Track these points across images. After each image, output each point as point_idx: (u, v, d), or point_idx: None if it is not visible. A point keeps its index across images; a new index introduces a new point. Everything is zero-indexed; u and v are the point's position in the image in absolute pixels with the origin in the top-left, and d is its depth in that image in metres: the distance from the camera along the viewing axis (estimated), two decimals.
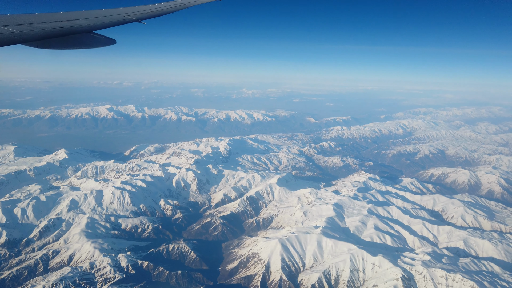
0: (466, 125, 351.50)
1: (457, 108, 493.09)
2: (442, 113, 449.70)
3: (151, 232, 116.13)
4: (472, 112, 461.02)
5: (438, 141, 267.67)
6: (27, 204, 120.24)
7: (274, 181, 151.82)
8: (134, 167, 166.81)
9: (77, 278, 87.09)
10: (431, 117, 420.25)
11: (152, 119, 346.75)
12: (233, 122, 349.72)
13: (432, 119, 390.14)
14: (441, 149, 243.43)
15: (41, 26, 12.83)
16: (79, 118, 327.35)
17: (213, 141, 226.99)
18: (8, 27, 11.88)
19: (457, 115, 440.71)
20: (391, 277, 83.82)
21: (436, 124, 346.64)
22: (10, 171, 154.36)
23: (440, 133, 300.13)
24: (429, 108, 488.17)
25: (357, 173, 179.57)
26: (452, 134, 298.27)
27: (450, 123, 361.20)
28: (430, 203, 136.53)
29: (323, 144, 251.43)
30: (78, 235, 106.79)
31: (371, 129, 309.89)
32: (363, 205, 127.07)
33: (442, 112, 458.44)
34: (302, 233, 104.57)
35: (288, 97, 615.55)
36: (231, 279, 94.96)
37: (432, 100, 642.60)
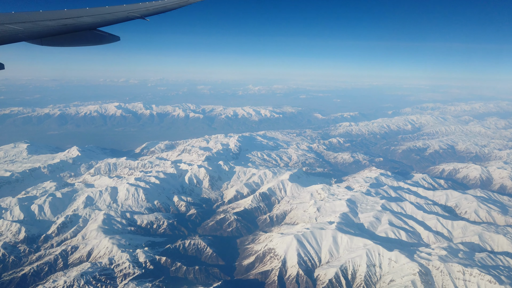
0: (475, 120, 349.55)
1: (465, 103, 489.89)
2: (450, 108, 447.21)
3: (166, 228, 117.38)
4: (481, 107, 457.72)
5: (447, 137, 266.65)
6: (44, 201, 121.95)
7: (285, 177, 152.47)
8: (146, 164, 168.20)
9: (97, 273, 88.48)
10: (439, 112, 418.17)
11: (160, 116, 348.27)
12: (240, 119, 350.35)
13: (440, 114, 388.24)
14: (451, 145, 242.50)
15: (45, 24, 12.95)
16: (88, 116, 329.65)
17: (222, 137, 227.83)
18: (13, 24, 11.97)
19: (465, 110, 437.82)
20: (408, 272, 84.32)
21: (444, 120, 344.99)
22: (24, 168, 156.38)
23: (449, 128, 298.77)
24: (436, 103, 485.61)
25: (368, 169, 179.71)
26: (461, 129, 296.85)
27: (459, 118, 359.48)
28: (443, 198, 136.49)
29: (332, 140, 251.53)
30: (96, 231, 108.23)
31: (379, 124, 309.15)
32: (376, 200, 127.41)
33: (450, 107, 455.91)
34: (317, 229, 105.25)
35: (294, 93, 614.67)
36: (248, 274, 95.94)
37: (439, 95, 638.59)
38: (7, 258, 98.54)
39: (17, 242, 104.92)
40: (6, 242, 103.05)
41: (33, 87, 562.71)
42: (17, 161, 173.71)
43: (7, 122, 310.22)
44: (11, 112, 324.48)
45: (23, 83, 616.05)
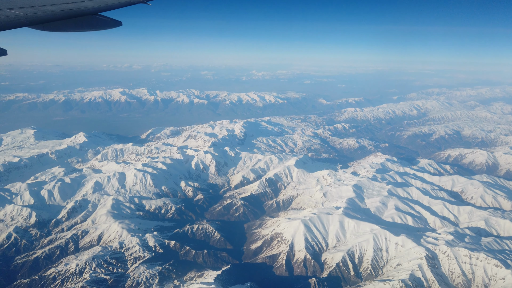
0: (481, 105, 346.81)
1: (471, 88, 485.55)
2: (456, 93, 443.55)
3: (174, 213, 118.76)
4: (487, 92, 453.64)
5: (453, 122, 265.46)
6: (53, 186, 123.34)
7: (291, 163, 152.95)
8: (152, 150, 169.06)
9: (108, 257, 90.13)
10: (445, 97, 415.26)
11: (165, 102, 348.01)
12: (245, 105, 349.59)
13: (446, 99, 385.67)
14: (456, 130, 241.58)
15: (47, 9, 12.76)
16: (92, 102, 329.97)
17: (227, 123, 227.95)
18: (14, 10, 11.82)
19: (471, 95, 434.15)
20: (415, 256, 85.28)
21: (450, 105, 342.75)
22: (32, 154, 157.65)
23: (455, 113, 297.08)
24: (442, 89, 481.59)
25: (373, 154, 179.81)
26: (467, 114, 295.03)
27: (465, 104, 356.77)
28: (449, 184, 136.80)
29: (337, 126, 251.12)
30: (105, 215, 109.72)
31: (384, 110, 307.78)
32: (382, 186, 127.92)
33: (456, 92, 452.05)
34: (324, 214, 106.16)
35: (298, 78, 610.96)
36: (256, 258, 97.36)
37: (444, 80, 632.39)
38: (19, 242, 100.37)
39: (28, 226, 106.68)
40: (18, 226, 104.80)
41: (37, 73, 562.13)
42: (24, 146, 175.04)
43: (13, 108, 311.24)
44: (16, 98, 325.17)
45: (26, 68, 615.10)
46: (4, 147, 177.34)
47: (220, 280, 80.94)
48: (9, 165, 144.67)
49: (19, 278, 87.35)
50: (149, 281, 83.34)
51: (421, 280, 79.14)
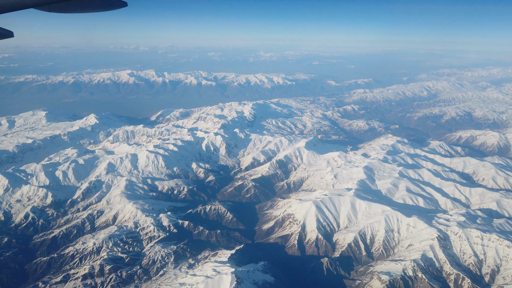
0: (493, 86, 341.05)
1: (483, 68, 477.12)
2: (467, 74, 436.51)
3: (186, 194, 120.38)
4: (498, 73, 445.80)
5: (464, 103, 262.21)
6: (67, 167, 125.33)
7: (302, 144, 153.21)
8: (163, 131, 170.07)
9: (124, 236, 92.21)
10: (455, 78, 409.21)
11: (173, 84, 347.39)
12: (253, 86, 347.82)
13: (457, 80, 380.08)
14: (467, 111, 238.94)
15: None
16: (101, 84, 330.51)
17: (236, 105, 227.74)
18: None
19: (482, 76, 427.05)
20: (426, 237, 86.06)
21: (461, 86, 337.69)
22: (45, 135, 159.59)
23: (466, 94, 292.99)
24: (453, 69, 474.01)
25: (384, 136, 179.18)
26: (479, 95, 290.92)
27: (476, 84, 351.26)
28: (460, 165, 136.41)
29: (346, 107, 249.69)
30: (119, 196, 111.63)
31: (394, 91, 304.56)
32: (393, 168, 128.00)
33: (467, 73, 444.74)
34: (335, 195, 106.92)
35: (306, 59, 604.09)
36: (268, 238, 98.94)
37: (455, 61, 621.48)
38: (37, 221, 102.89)
39: (45, 206, 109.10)
40: (35, 206, 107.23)
41: (45, 55, 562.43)
42: (37, 128, 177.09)
43: (23, 89, 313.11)
44: (25, 80, 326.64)
45: (34, 50, 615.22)
46: (16, 128, 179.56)
47: (234, 259, 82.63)
48: (23, 147, 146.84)
49: (38, 256, 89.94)
50: (164, 259, 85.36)
51: (433, 260, 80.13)
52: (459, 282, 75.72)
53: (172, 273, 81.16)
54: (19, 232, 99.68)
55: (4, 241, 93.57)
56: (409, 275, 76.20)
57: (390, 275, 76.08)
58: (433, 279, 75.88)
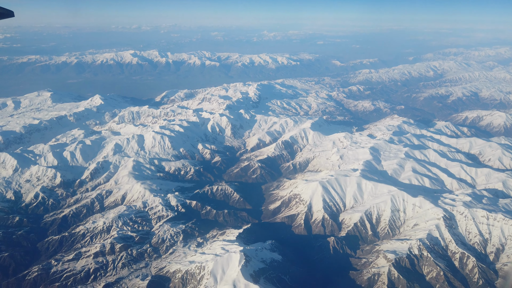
0: (500, 65, 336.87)
1: (490, 48, 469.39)
2: (474, 54, 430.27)
3: (193, 175, 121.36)
4: (506, 52, 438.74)
5: (471, 83, 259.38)
6: (75, 148, 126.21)
7: (307, 125, 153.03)
8: (168, 112, 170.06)
9: (133, 216, 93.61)
10: (462, 58, 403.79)
11: (176, 64, 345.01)
12: (257, 67, 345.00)
13: (463, 60, 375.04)
14: (474, 91, 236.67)
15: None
16: (104, 64, 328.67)
17: (241, 86, 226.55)
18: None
19: (489, 56, 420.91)
20: (432, 217, 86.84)
21: (468, 65, 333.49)
22: (51, 116, 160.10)
23: (473, 74, 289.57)
24: (459, 48, 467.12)
25: (389, 116, 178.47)
26: (486, 75, 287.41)
27: (483, 64, 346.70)
28: (466, 146, 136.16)
29: (351, 88, 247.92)
30: (127, 176, 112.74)
31: (400, 71, 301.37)
32: (399, 148, 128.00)
33: (474, 52, 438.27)
34: (341, 176, 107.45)
35: (311, 39, 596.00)
36: (275, 218, 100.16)
37: (462, 40, 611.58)
38: (47, 201, 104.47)
39: (54, 186, 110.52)
40: (44, 186, 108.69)
41: (47, 35, 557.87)
42: (42, 109, 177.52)
43: (26, 70, 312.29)
44: (29, 61, 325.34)
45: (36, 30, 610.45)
46: (22, 109, 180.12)
47: (242, 238, 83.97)
48: (30, 127, 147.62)
49: (50, 234, 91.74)
50: (173, 238, 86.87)
51: (438, 240, 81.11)
52: (464, 260, 76.83)
53: (181, 251, 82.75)
54: (30, 211, 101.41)
55: (15, 220, 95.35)
56: (414, 254, 77.34)
57: (396, 253, 77.25)
58: (439, 258, 77.01)
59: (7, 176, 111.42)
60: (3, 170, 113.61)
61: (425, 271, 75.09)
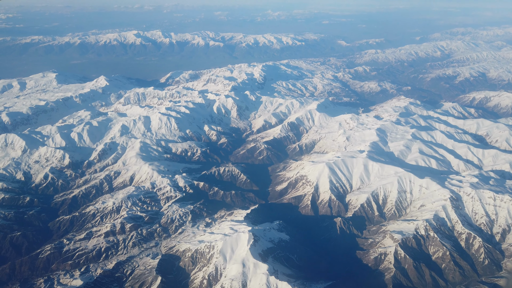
0: (509, 45, 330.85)
1: (498, 27, 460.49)
2: (482, 33, 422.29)
3: (200, 156, 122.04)
4: None
5: (478, 64, 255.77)
6: (82, 129, 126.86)
7: (313, 107, 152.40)
8: (174, 94, 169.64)
9: (142, 196, 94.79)
10: (470, 37, 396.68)
11: (180, 44, 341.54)
12: (261, 47, 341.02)
13: (471, 39, 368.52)
14: (482, 72, 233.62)
15: None
16: (108, 45, 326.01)
17: (246, 67, 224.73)
18: None
19: (498, 35, 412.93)
20: (439, 198, 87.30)
21: (476, 45, 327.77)
22: (57, 97, 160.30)
23: (481, 54, 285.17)
24: (467, 28, 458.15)
25: (396, 98, 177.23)
26: (494, 55, 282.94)
27: (491, 44, 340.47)
28: (474, 127, 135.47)
29: (357, 68, 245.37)
30: (135, 157, 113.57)
31: (407, 52, 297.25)
32: (406, 130, 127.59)
33: (482, 32, 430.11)
34: (348, 157, 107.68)
35: (316, 18, 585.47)
36: (282, 199, 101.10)
37: (470, 19, 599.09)
38: (56, 181, 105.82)
39: (63, 167, 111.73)
40: (53, 167, 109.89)
41: (49, 15, 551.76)
42: (48, 90, 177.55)
43: (30, 51, 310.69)
44: (32, 41, 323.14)
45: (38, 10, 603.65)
46: (28, 90, 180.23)
47: (250, 219, 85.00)
48: (37, 109, 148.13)
49: (61, 214, 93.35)
50: (182, 218, 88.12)
51: (445, 220, 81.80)
52: (470, 241, 77.67)
53: (190, 231, 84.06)
54: (40, 192, 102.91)
55: (26, 200, 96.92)
56: (421, 234, 78.19)
57: (403, 234, 78.12)
58: (445, 238, 77.86)
59: (16, 157, 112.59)
60: (12, 151, 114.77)
61: (431, 251, 76.09)
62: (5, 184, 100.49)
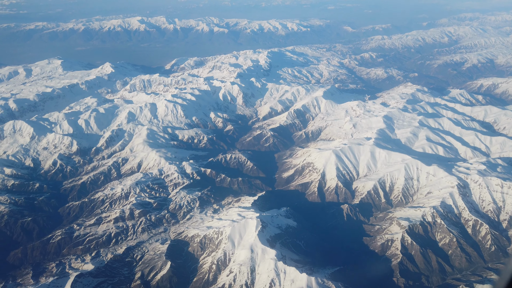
0: None
1: (507, 12, 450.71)
2: (490, 19, 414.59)
3: (206, 143, 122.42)
4: None
5: (486, 50, 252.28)
6: (89, 116, 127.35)
7: (319, 94, 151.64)
8: (179, 80, 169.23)
9: (150, 183, 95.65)
10: (478, 23, 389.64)
11: (184, 31, 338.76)
12: (266, 33, 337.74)
13: (479, 25, 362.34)
14: (490, 58, 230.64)
15: None
16: (112, 31, 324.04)
17: (251, 53, 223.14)
18: None
19: (506, 21, 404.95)
20: (446, 185, 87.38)
21: (484, 31, 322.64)
22: (63, 84, 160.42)
23: (489, 40, 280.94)
24: (475, 13, 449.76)
25: (402, 84, 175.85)
26: (502, 41, 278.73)
27: (499, 30, 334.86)
28: (481, 114, 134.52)
29: (363, 55, 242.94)
30: (142, 144, 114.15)
31: (413, 37, 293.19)
32: (413, 117, 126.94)
33: (490, 17, 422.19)
34: (354, 144, 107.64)
35: (321, 4, 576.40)
36: (288, 186, 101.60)
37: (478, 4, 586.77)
38: (65, 168, 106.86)
39: (71, 154, 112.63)
40: (61, 153, 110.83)
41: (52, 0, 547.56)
42: (54, 77, 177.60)
43: (34, 37, 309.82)
44: (36, 27, 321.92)
45: None
46: (34, 77, 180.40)
47: (257, 205, 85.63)
48: (43, 95, 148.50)
49: (70, 200, 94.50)
50: (190, 204, 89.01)
51: (452, 207, 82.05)
52: (477, 227, 78.01)
53: (198, 217, 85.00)
54: (49, 178, 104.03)
55: (36, 186, 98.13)
56: (428, 221, 78.59)
57: (410, 220, 78.54)
58: (452, 225, 78.24)
59: (24, 143, 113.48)
60: (20, 138, 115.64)
61: (438, 238, 76.60)
62: (14, 171, 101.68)
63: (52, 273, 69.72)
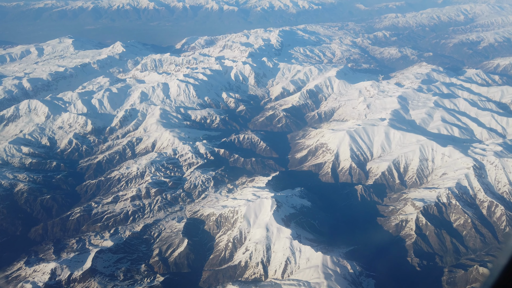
0: None
1: None
2: None
3: (219, 123, 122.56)
4: None
5: (504, 28, 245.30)
6: (102, 96, 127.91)
7: (332, 74, 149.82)
8: (190, 60, 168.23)
9: (165, 162, 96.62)
10: (495, 0, 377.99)
11: (194, 9, 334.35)
12: (277, 11, 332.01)
13: (496, 2, 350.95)
14: (507, 37, 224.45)
15: None
16: (121, 10, 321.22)
17: (262, 32, 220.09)
18: None
19: None
20: (462, 166, 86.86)
21: (501, 9, 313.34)
22: (75, 64, 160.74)
23: (507, 19, 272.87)
24: None
25: (417, 64, 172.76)
26: None
27: None
28: (498, 95, 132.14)
29: (377, 34, 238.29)
30: (155, 124, 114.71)
31: (428, 15, 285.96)
32: (428, 97, 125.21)
33: None
34: (368, 125, 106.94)
35: None
36: (302, 166, 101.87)
37: None
38: (80, 147, 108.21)
39: (86, 133, 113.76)
40: (76, 133, 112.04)
41: None
42: (65, 56, 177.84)
43: (44, 16, 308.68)
44: (45, 6, 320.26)
45: None
46: (46, 56, 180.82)
47: (271, 185, 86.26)
48: (56, 75, 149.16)
49: (87, 179, 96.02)
50: (205, 184, 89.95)
51: (467, 189, 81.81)
52: (492, 208, 77.90)
53: (213, 196, 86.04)
54: (65, 157, 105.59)
55: (53, 164, 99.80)
56: (443, 202, 78.60)
57: (424, 201, 78.62)
58: (467, 206, 78.20)
59: (40, 122, 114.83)
60: (36, 117, 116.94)
61: (452, 219, 76.75)
62: (31, 149, 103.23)
63: (73, 249, 71.67)
